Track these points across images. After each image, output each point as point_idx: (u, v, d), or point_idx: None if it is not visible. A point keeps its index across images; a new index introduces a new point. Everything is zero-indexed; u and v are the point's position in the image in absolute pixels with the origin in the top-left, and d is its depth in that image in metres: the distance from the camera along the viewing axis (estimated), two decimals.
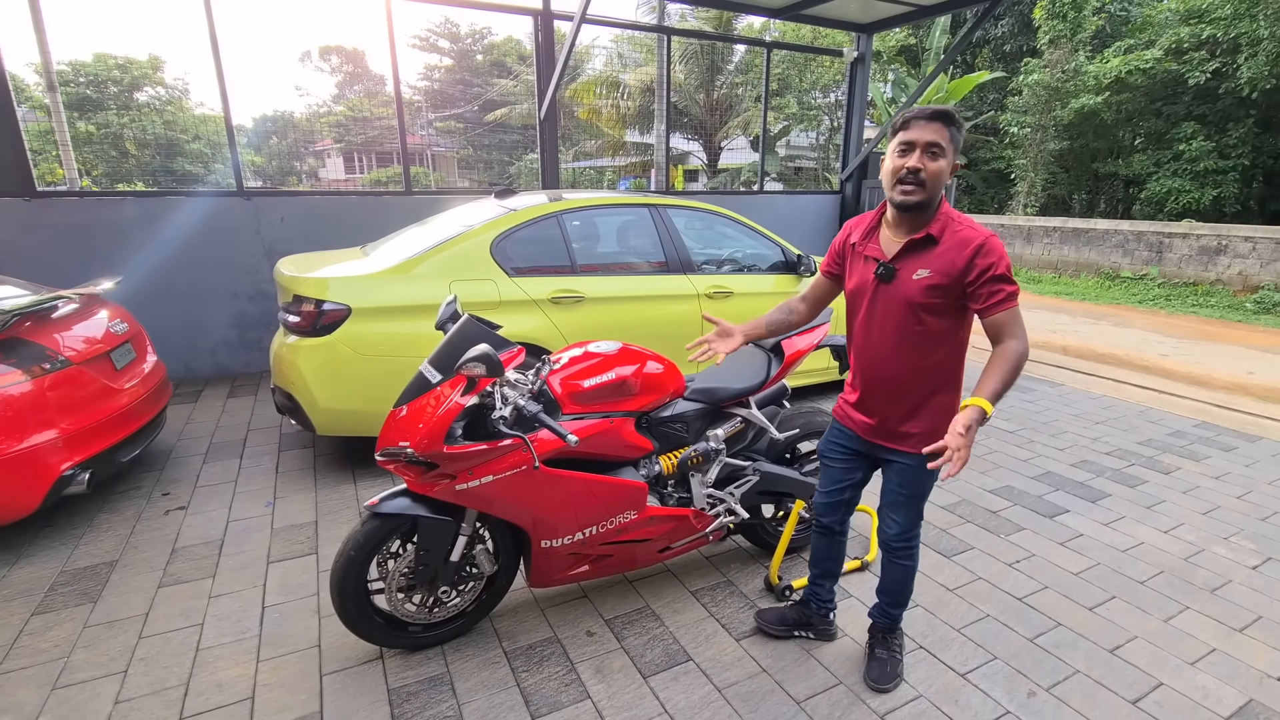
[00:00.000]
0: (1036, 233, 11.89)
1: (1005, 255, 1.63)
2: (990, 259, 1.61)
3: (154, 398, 3.36)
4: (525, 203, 3.74)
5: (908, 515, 1.93)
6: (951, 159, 1.65)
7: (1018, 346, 1.60)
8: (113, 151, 22.97)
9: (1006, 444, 4.00)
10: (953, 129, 1.63)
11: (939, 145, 1.61)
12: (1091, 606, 2.45)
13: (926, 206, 1.68)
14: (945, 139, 1.62)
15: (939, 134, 1.61)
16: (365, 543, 1.93)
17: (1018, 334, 1.61)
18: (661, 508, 2.23)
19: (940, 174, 1.63)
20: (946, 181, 1.67)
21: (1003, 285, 1.61)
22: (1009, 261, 1.64)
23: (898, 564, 1.99)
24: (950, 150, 1.63)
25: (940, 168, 1.62)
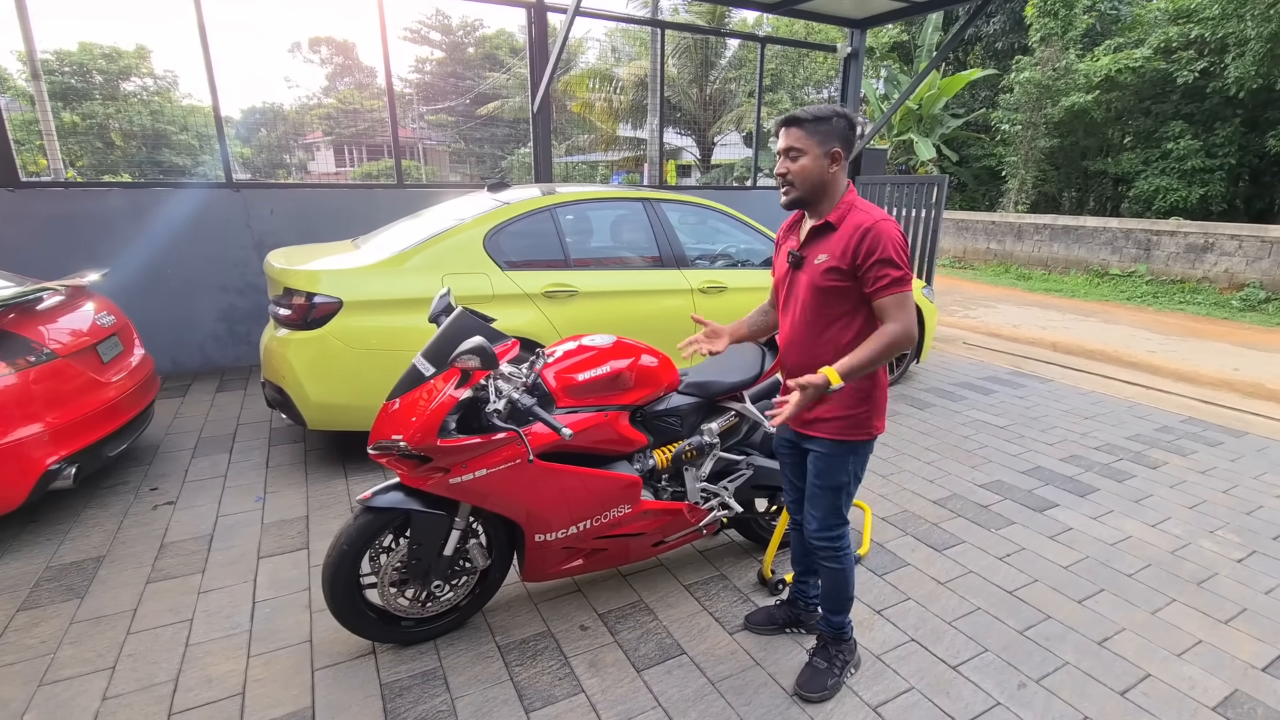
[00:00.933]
0: (1027, 230, 11.97)
1: (894, 240, 1.66)
2: (875, 243, 1.65)
3: (141, 391, 3.32)
4: (518, 196, 3.71)
5: (824, 509, 1.91)
6: (819, 150, 1.70)
7: (894, 329, 1.65)
8: (98, 142, 22.67)
9: (997, 439, 4.02)
10: (806, 126, 1.70)
11: (794, 148, 1.72)
12: (1080, 599, 2.47)
13: (807, 202, 1.78)
14: (800, 139, 1.71)
15: (793, 138, 1.72)
16: (358, 537, 1.92)
17: (898, 318, 1.66)
18: (655, 502, 2.23)
19: (805, 170, 1.72)
20: (825, 171, 1.72)
21: (887, 270, 1.65)
22: (898, 246, 1.66)
23: (823, 565, 1.97)
24: (813, 145, 1.70)
25: (804, 165, 1.72)
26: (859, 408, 1.80)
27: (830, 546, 1.94)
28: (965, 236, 13.27)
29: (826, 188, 1.74)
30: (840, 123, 1.70)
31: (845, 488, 1.89)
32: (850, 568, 1.97)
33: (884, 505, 3.16)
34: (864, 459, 1.90)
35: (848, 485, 1.89)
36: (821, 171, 1.72)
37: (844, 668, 2.03)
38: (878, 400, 1.83)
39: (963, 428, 4.20)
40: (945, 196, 6.42)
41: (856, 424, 1.82)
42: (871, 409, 1.82)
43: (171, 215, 4.80)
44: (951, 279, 11.77)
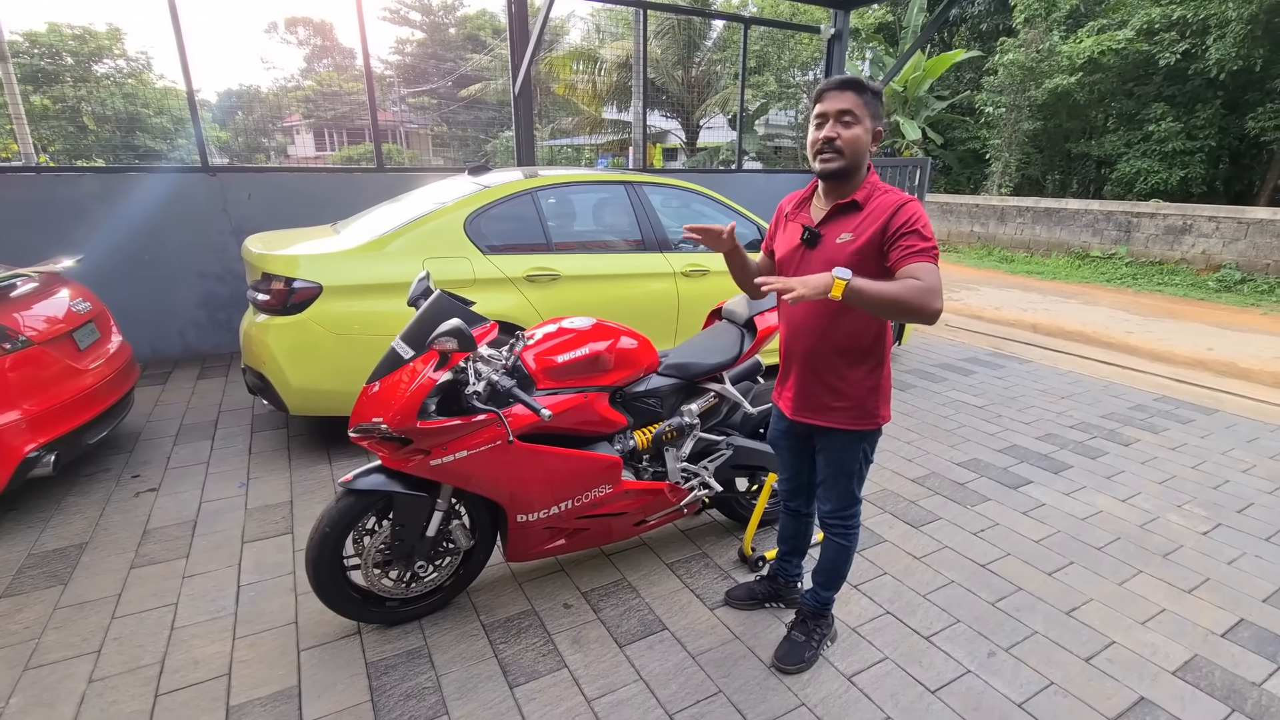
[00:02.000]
0: (1010, 213, 12.06)
1: (925, 217, 1.62)
2: (908, 216, 1.60)
3: (120, 378, 3.30)
4: (499, 180, 3.70)
5: (839, 495, 1.94)
6: (870, 125, 1.65)
7: (920, 285, 1.49)
8: (70, 127, 22.12)
9: (975, 419, 4.10)
10: (865, 95, 1.64)
11: (851, 113, 1.62)
12: (1050, 571, 2.55)
13: (848, 174, 1.69)
14: (858, 105, 1.63)
15: (850, 101, 1.63)
16: (340, 519, 1.94)
17: (928, 281, 1.50)
18: (636, 482, 2.26)
19: (857, 140, 1.64)
20: (868, 148, 1.67)
21: (917, 240, 1.57)
22: (929, 224, 1.61)
23: (834, 541, 2.01)
24: (866, 115, 1.64)
25: (856, 134, 1.63)
26: (866, 398, 1.80)
27: (843, 525, 1.99)
28: (949, 219, 13.35)
29: (862, 164, 1.69)
30: (882, 106, 1.69)
31: (858, 472, 1.92)
32: (855, 547, 2.02)
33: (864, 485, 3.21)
34: (873, 443, 1.91)
35: (860, 469, 1.92)
36: (867, 145, 1.66)
37: (821, 640, 2.08)
38: (884, 390, 1.82)
39: (942, 408, 4.27)
40: (929, 178, 6.45)
41: (865, 414, 1.81)
42: (879, 399, 1.81)
43: (147, 201, 4.72)
44: None
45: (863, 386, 1.79)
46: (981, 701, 1.91)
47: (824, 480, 1.95)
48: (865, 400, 1.80)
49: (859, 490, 1.96)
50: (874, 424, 1.84)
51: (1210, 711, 1.90)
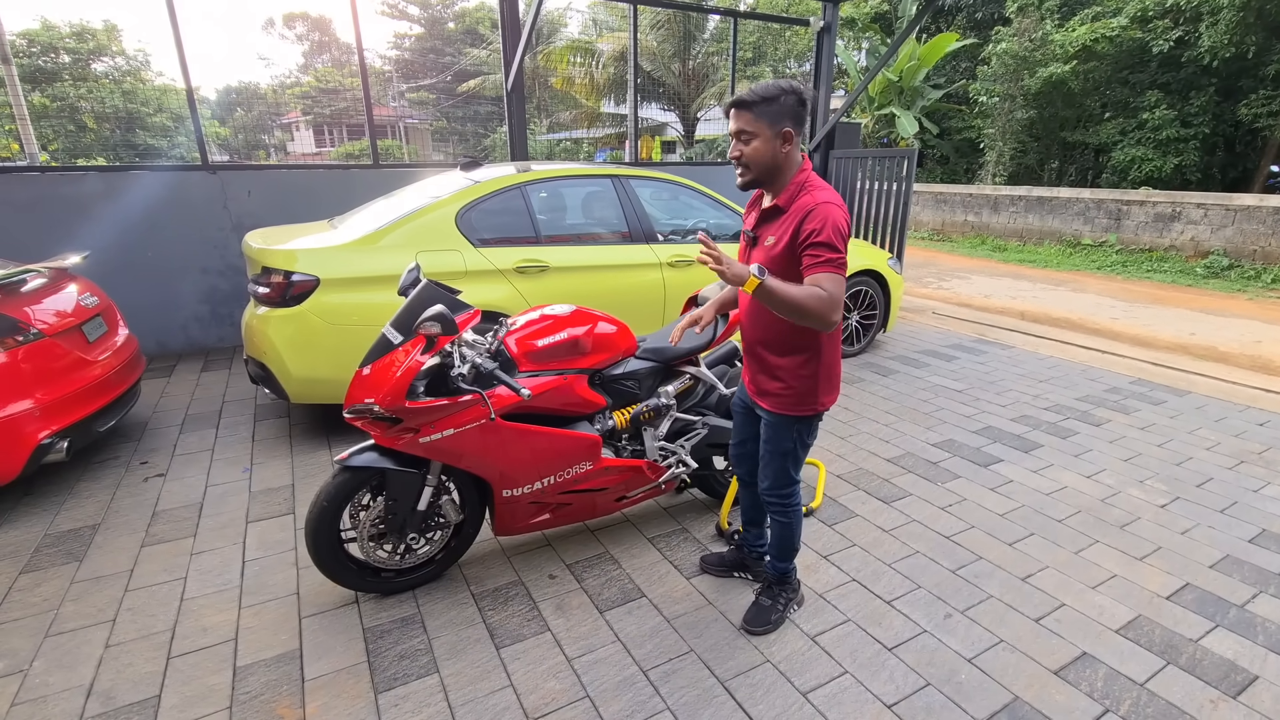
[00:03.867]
0: (1003, 202, 12.15)
1: (835, 224, 1.66)
2: (815, 223, 1.67)
3: (128, 369, 3.44)
4: (489, 175, 3.82)
5: (774, 472, 2.04)
6: (770, 132, 1.72)
7: (820, 294, 1.61)
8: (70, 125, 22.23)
9: (953, 402, 4.23)
10: (755, 109, 1.71)
11: (745, 131, 1.73)
12: (1011, 542, 2.69)
13: (762, 183, 1.82)
14: (749, 121, 1.72)
15: (742, 120, 1.73)
16: (337, 494, 2.08)
17: (831, 291, 1.62)
18: (616, 459, 2.40)
19: (757, 153, 1.75)
20: (777, 153, 1.75)
21: (821, 251, 1.65)
22: (838, 231, 1.66)
23: (774, 519, 2.14)
24: (763, 126, 1.72)
25: (756, 148, 1.74)
26: (801, 385, 1.89)
27: (780, 503, 2.11)
28: (944, 209, 13.44)
29: (780, 168, 1.77)
30: (790, 100, 1.70)
31: (792, 453, 2.02)
32: (797, 522, 2.15)
33: (840, 464, 3.36)
34: (810, 428, 2.01)
35: (794, 451, 2.02)
36: (774, 152, 1.75)
37: (787, 604, 2.23)
38: (822, 377, 1.89)
39: (922, 392, 4.40)
40: (915, 169, 6.55)
41: (800, 400, 1.92)
42: (815, 385, 1.89)
43: (149, 198, 4.86)
44: (929, 251, 11.97)
45: (797, 375, 1.89)
46: (935, 658, 2.06)
47: (762, 456, 2.08)
48: (800, 387, 1.90)
49: (795, 471, 2.06)
50: (808, 410, 1.93)
51: (1147, 664, 2.04)
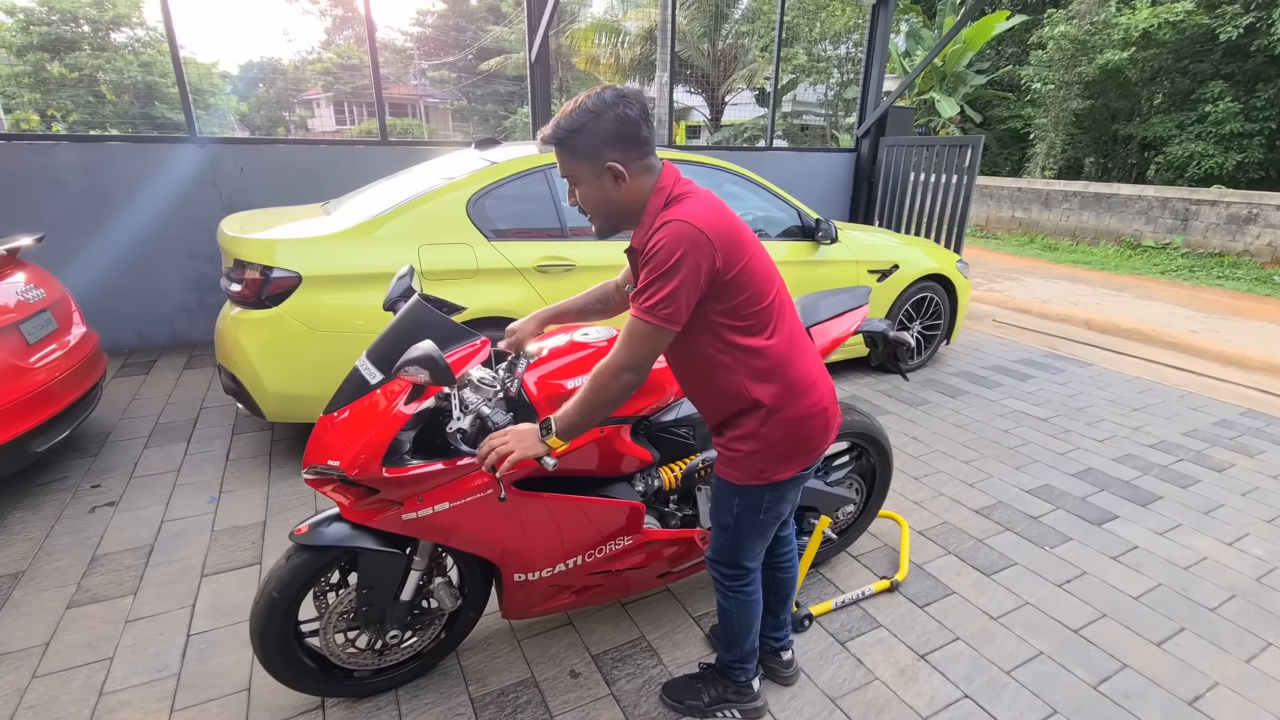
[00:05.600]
0: (1055, 197, 11.35)
1: (664, 244, 1.25)
2: (646, 257, 1.29)
3: (80, 375, 2.94)
4: (508, 155, 3.25)
5: (715, 539, 1.62)
6: (594, 170, 1.30)
7: (595, 375, 1.34)
8: (89, 96, 21.94)
9: (1040, 433, 3.62)
10: (567, 146, 1.29)
11: (567, 174, 1.34)
12: (1159, 641, 2.10)
13: (616, 229, 1.41)
14: (568, 162, 1.32)
15: (562, 163, 1.33)
16: (292, 582, 1.54)
17: (613, 356, 1.32)
18: (662, 530, 1.85)
19: (589, 200, 1.35)
20: (606, 199, 1.33)
21: (640, 293, 1.29)
22: (665, 255, 1.25)
23: (716, 593, 1.69)
24: (581, 168, 1.31)
25: (585, 193, 1.34)
26: (740, 445, 1.45)
27: (721, 578, 1.64)
28: (989, 204, 12.65)
29: (626, 210, 1.35)
30: (605, 122, 1.26)
31: (732, 529, 1.55)
32: (741, 612, 1.65)
33: (920, 515, 2.78)
34: (755, 506, 1.51)
35: (734, 528, 1.55)
36: (606, 194, 1.33)
37: (719, 704, 1.74)
38: (770, 440, 1.43)
39: (1000, 419, 3.80)
40: (979, 160, 5.88)
41: (733, 462, 1.47)
42: (760, 450, 1.44)
43: (129, 172, 4.35)
44: (974, 249, 11.22)
45: (733, 430, 1.47)
46: None
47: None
48: (735, 446, 1.47)
49: (740, 555, 1.59)
50: (749, 478, 1.48)
51: None
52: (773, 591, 1.81)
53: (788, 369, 1.41)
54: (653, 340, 1.29)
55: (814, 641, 2.06)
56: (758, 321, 1.37)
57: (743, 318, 1.35)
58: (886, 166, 6.85)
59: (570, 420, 1.34)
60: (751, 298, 1.34)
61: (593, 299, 1.77)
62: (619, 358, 1.31)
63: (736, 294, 1.32)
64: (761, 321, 1.37)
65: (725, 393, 1.42)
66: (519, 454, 1.33)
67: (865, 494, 2.35)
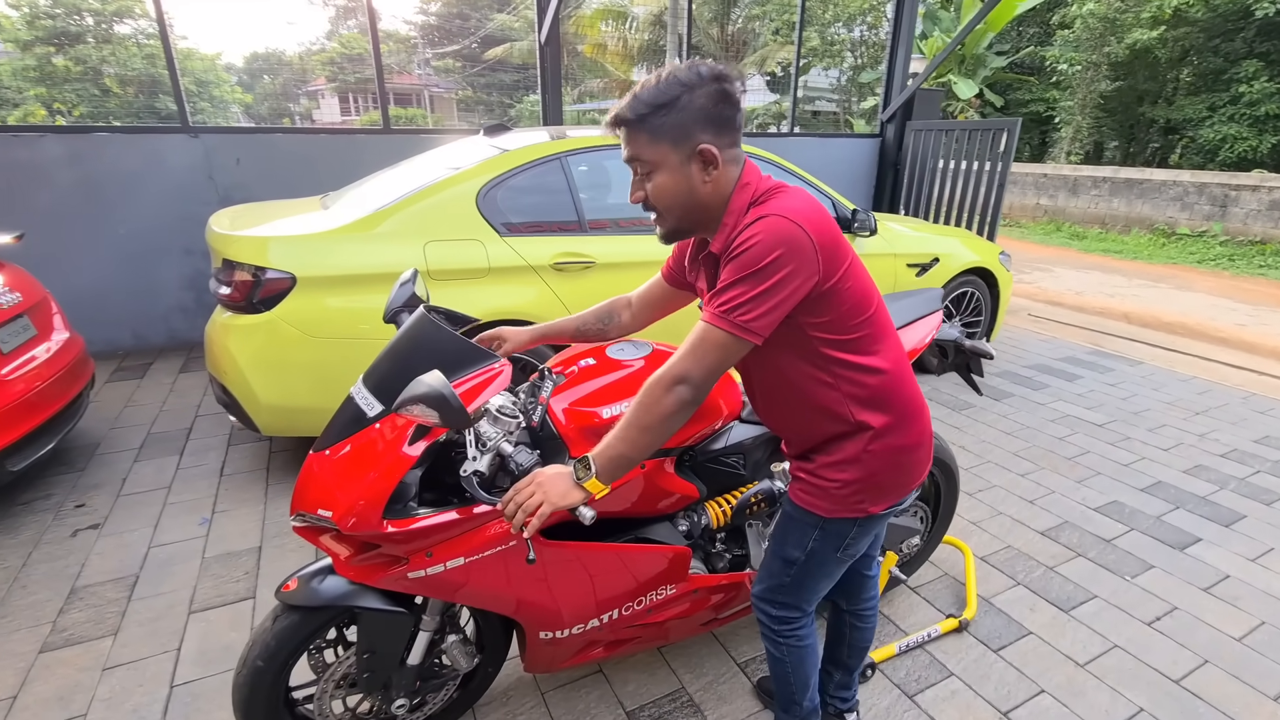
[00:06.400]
0: (1084, 183, 10.94)
1: (755, 253, 1.03)
2: (732, 258, 1.07)
3: (62, 384, 2.71)
4: (521, 142, 2.98)
5: (769, 576, 1.39)
6: (674, 158, 1.08)
7: (644, 391, 1.10)
8: (94, 89, 21.80)
9: (1098, 441, 3.34)
10: (647, 126, 1.07)
11: (640, 160, 1.11)
12: (1276, 696, 1.84)
13: (689, 231, 1.20)
14: (644, 147, 1.09)
15: (633, 145, 1.10)
16: (279, 649, 1.30)
17: (682, 354, 1.09)
18: (708, 576, 1.59)
19: (665, 191, 1.11)
20: (691, 190, 1.11)
21: (717, 296, 1.07)
22: (757, 256, 1.03)
23: (763, 639, 1.44)
24: (665, 152, 1.08)
25: (662, 185, 1.11)
26: (834, 473, 1.23)
27: (770, 622, 1.39)
28: (1012, 190, 12.24)
29: (709, 206, 1.13)
30: (700, 96, 1.05)
31: (798, 565, 1.32)
32: (799, 665, 1.41)
33: (980, 538, 2.51)
34: (836, 541, 1.29)
35: (802, 564, 1.32)
36: (691, 185, 1.10)
37: None
38: (872, 468, 1.21)
39: (1053, 425, 3.51)
40: (1015, 144, 5.55)
41: (822, 492, 1.25)
42: (859, 479, 1.22)
43: (120, 165, 4.11)
44: (999, 238, 10.85)
45: (829, 454, 1.23)
46: None
47: (767, 549, 1.41)
48: (828, 476, 1.24)
49: (800, 597, 1.37)
50: (840, 511, 1.25)
51: None
52: (849, 643, 1.57)
53: (899, 389, 1.21)
54: (724, 352, 1.06)
55: (878, 694, 1.81)
56: (861, 336, 1.15)
57: (843, 331, 1.13)
58: (913, 152, 6.52)
59: (614, 453, 1.11)
60: (853, 309, 1.13)
61: (593, 318, 1.55)
62: (677, 368, 1.08)
63: (837, 306, 1.11)
64: (865, 336, 1.16)
65: (822, 415, 1.20)
66: (551, 506, 1.08)
67: (929, 521, 2.09)
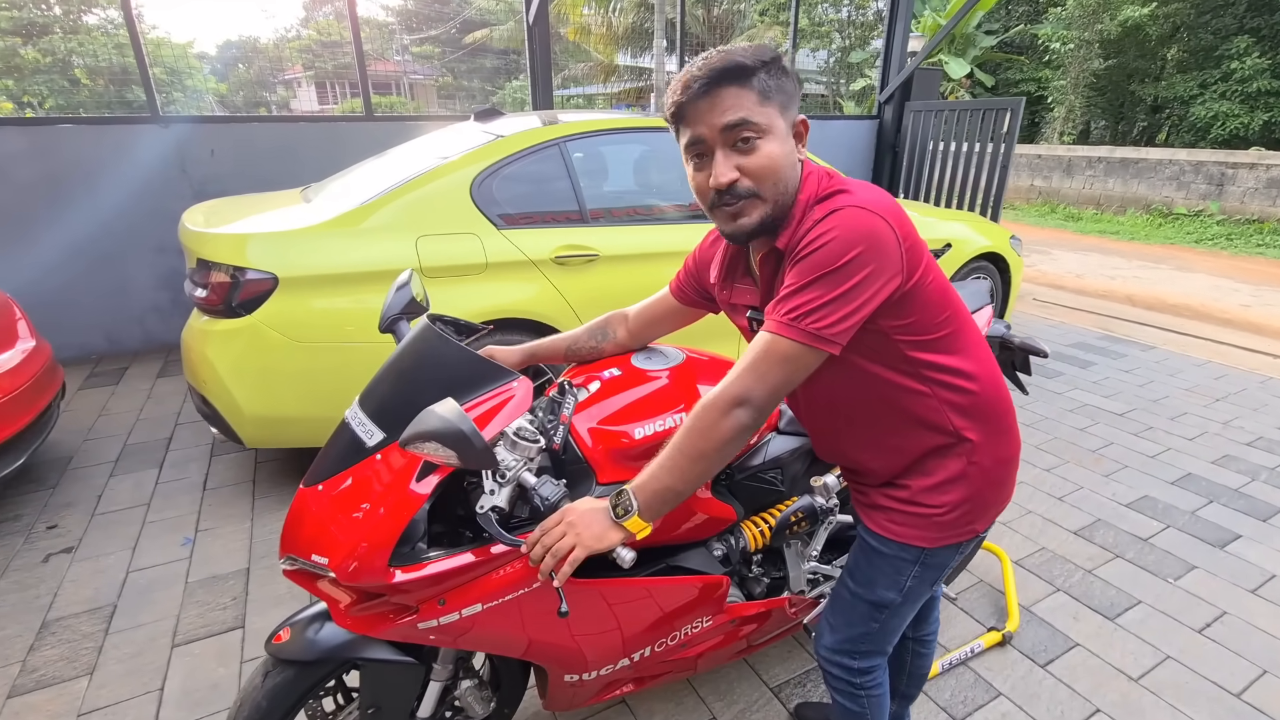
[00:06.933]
0: (1078, 164, 10.85)
1: (832, 249, 0.88)
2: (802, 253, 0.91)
3: (26, 399, 2.51)
4: (515, 127, 2.79)
5: (847, 623, 1.21)
6: (782, 125, 0.94)
7: (711, 396, 0.94)
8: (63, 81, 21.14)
9: (1120, 431, 3.23)
10: (762, 81, 0.90)
11: (749, 122, 0.90)
12: None
13: (777, 221, 0.97)
14: (754, 108, 0.90)
15: (738, 103, 0.90)
16: (273, 709, 1.14)
17: (742, 371, 0.93)
18: (746, 605, 1.45)
19: (774, 163, 0.93)
20: (793, 166, 0.96)
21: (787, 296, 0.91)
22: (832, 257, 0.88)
23: (837, 700, 1.27)
24: (773, 116, 0.92)
25: (773, 154, 0.92)
26: (937, 496, 1.07)
27: (846, 677, 1.23)
28: None
29: (794, 185, 0.98)
30: (788, 66, 0.94)
31: (890, 608, 1.17)
32: (879, 714, 1.27)
33: (1012, 540, 2.39)
34: (936, 573, 1.15)
35: (896, 607, 1.17)
36: (792, 161, 0.96)
37: None
38: (977, 484, 1.07)
39: (1072, 416, 3.40)
40: (1019, 124, 5.41)
41: (924, 520, 1.08)
42: (967, 499, 1.07)
43: (84, 158, 3.87)
44: None
45: (936, 466, 1.07)
46: None
47: (835, 594, 1.25)
48: (937, 498, 1.08)
49: (888, 639, 1.22)
50: (948, 537, 1.10)
51: None
52: (910, 671, 1.45)
53: (995, 392, 1.08)
54: (795, 364, 0.91)
55: (924, 717, 1.68)
56: (946, 334, 1.02)
57: (928, 331, 0.99)
58: (913, 133, 6.37)
59: (659, 486, 0.96)
60: (937, 306, 0.99)
61: (586, 335, 1.42)
62: (735, 387, 0.92)
63: (920, 307, 0.97)
64: (950, 334, 1.02)
65: (917, 429, 1.06)
66: (585, 550, 0.94)
67: None
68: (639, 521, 0.96)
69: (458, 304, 2.42)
